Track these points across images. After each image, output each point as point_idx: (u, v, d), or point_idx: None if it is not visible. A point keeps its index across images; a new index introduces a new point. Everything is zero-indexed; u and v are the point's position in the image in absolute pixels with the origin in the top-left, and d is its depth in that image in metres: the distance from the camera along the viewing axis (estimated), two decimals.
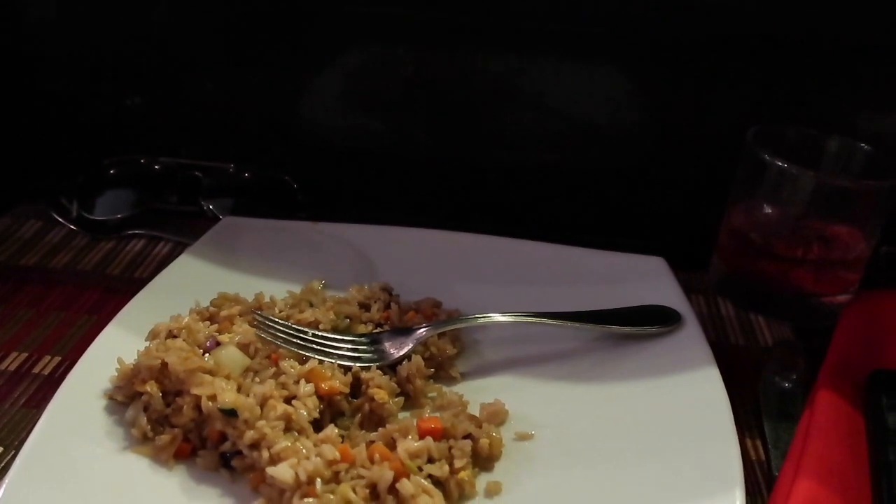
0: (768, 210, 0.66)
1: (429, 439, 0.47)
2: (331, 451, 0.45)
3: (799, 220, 0.64)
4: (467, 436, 0.49)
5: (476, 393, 0.54)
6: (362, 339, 0.55)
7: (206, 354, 0.52)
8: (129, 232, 0.74)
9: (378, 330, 0.57)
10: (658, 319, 0.59)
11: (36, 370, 0.57)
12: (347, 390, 0.51)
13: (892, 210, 0.63)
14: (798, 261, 0.64)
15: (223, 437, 0.48)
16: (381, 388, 0.51)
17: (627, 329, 0.58)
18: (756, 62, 0.70)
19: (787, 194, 0.64)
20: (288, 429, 0.47)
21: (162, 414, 0.49)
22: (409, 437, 0.48)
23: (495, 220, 0.73)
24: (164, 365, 0.50)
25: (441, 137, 0.77)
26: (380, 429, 0.49)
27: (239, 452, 0.47)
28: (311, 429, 0.48)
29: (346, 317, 0.58)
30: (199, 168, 0.76)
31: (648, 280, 0.63)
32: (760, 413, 0.55)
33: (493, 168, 0.77)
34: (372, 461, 0.46)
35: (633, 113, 0.74)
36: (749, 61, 0.70)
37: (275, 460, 0.45)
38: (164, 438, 0.48)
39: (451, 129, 0.77)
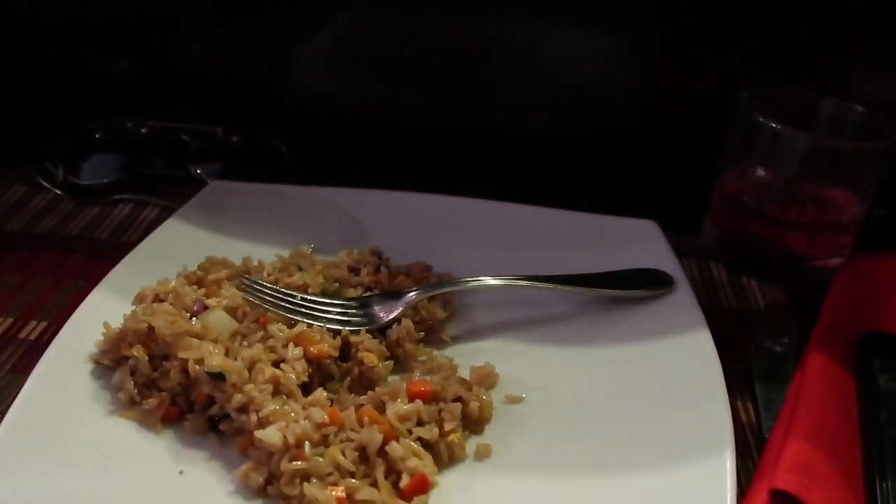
0: (761, 173, 0.65)
1: (418, 402, 0.47)
2: (319, 415, 0.45)
3: (792, 182, 0.64)
4: (457, 399, 0.48)
5: (467, 356, 0.54)
6: (352, 303, 0.55)
7: (194, 318, 0.52)
8: (116, 196, 0.73)
9: (368, 294, 0.57)
10: (650, 283, 0.58)
11: (22, 335, 0.57)
12: (336, 354, 0.50)
13: (886, 172, 0.63)
14: (791, 224, 0.64)
15: (211, 401, 0.47)
16: (370, 352, 0.51)
17: (619, 292, 0.58)
18: (749, 22, 0.69)
19: (780, 157, 0.63)
20: (276, 392, 0.47)
21: (149, 378, 0.49)
22: (399, 400, 0.47)
23: (487, 183, 0.71)
24: (151, 329, 0.49)
25: (431, 100, 0.76)
26: (369, 392, 0.48)
27: (227, 416, 0.47)
28: (300, 392, 0.48)
29: (336, 281, 0.57)
30: (186, 132, 0.75)
31: (640, 243, 0.63)
32: (752, 376, 0.55)
33: (484, 131, 0.76)
34: (361, 424, 0.46)
35: (626, 75, 0.73)
36: (742, 22, 0.69)
37: (263, 424, 0.45)
38: (152, 402, 0.47)
39: (441, 92, 0.76)
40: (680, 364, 0.51)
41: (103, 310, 0.53)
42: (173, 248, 0.60)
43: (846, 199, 0.64)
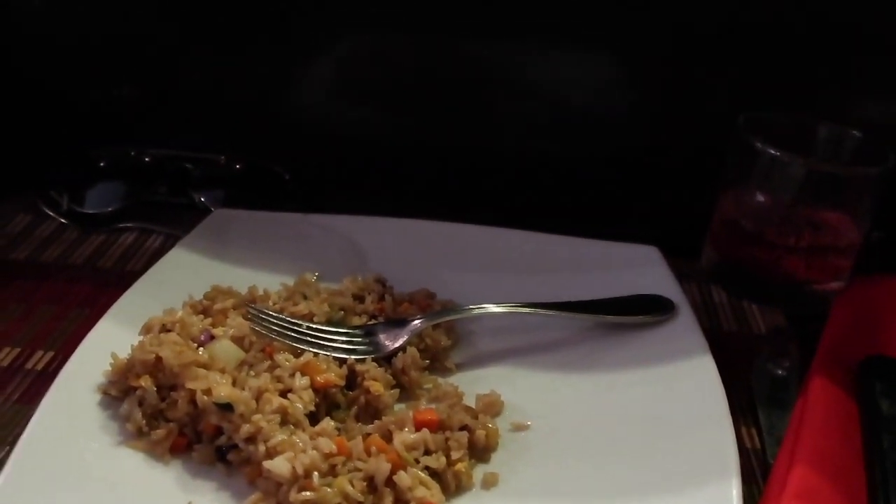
0: (759, 197, 0.66)
1: (425, 431, 0.47)
2: (327, 444, 0.45)
3: (790, 207, 0.64)
4: (463, 427, 0.49)
5: (471, 384, 0.54)
6: (357, 332, 0.55)
7: (201, 348, 0.52)
8: (121, 225, 0.73)
9: (372, 322, 0.57)
10: (652, 308, 0.59)
11: (28, 365, 0.57)
12: (343, 383, 0.51)
13: (883, 196, 0.64)
14: (789, 248, 0.64)
15: (219, 431, 0.48)
16: (376, 381, 0.51)
17: (622, 318, 0.58)
18: (747, 49, 0.70)
19: (777, 181, 0.64)
20: (284, 422, 0.47)
21: (157, 408, 0.49)
22: (406, 429, 0.48)
23: (489, 209, 0.72)
24: (159, 359, 0.49)
25: (434, 125, 0.77)
26: (376, 421, 0.49)
27: (235, 446, 0.47)
28: (307, 422, 0.48)
29: (341, 309, 0.58)
30: (189, 159, 0.76)
31: (642, 269, 0.63)
32: (754, 400, 0.56)
33: (486, 156, 0.76)
34: (368, 454, 0.46)
35: (626, 101, 0.74)
36: (740, 48, 0.70)
37: (271, 454, 0.45)
38: (160, 433, 0.48)
39: (443, 117, 0.76)
40: (684, 390, 0.52)
41: (110, 340, 0.53)
42: (178, 277, 0.60)
43: (844, 223, 0.65)
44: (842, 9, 0.67)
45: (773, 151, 0.62)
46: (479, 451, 0.49)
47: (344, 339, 0.54)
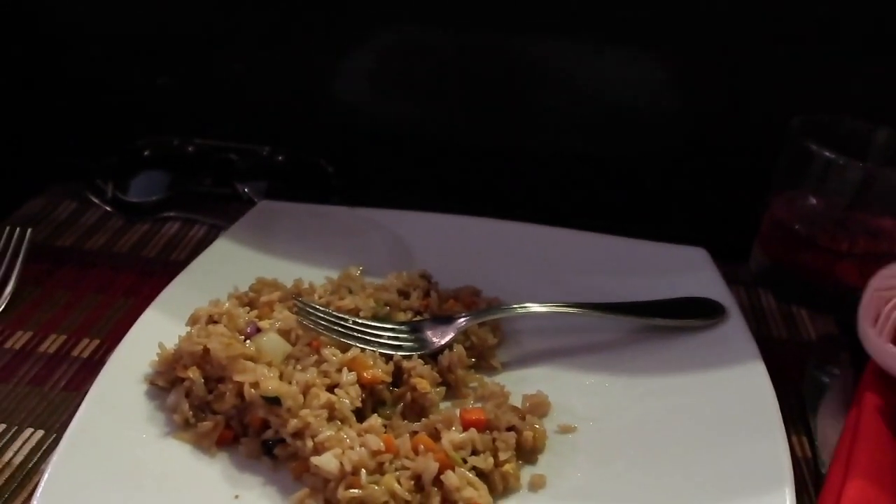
0: (813, 201, 0.64)
1: (473, 431, 0.47)
2: (375, 442, 0.45)
3: (844, 212, 0.63)
4: (511, 428, 0.48)
5: (517, 383, 0.53)
6: (403, 328, 0.55)
7: (247, 340, 0.52)
8: (164, 214, 0.74)
9: (418, 318, 0.57)
10: (701, 312, 0.58)
11: (75, 353, 0.57)
12: (390, 379, 0.50)
13: None
14: (843, 254, 0.63)
15: (265, 425, 0.47)
16: (422, 378, 0.51)
17: (670, 321, 0.57)
18: (797, 48, 0.69)
19: (833, 186, 0.63)
20: (331, 418, 0.47)
21: (204, 400, 0.49)
22: (453, 428, 0.47)
23: (532, 207, 0.71)
24: (206, 351, 0.49)
25: (477, 122, 0.76)
26: (423, 419, 0.48)
27: (282, 440, 0.47)
28: (354, 418, 0.48)
29: (386, 304, 0.57)
30: (232, 150, 0.76)
31: (690, 271, 0.62)
32: (804, 408, 0.55)
33: (530, 154, 0.76)
34: (416, 452, 0.46)
35: (672, 99, 0.73)
36: (790, 47, 0.69)
37: (319, 450, 0.45)
38: (207, 425, 0.48)
39: (487, 114, 0.76)
40: (734, 396, 0.51)
41: (156, 330, 0.53)
42: (223, 268, 0.60)
43: None
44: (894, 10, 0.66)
45: (829, 154, 0.61)
46: (526, 453, 0.48)
47: (390, 334, 0.54)
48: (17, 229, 0.65)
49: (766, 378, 0.51)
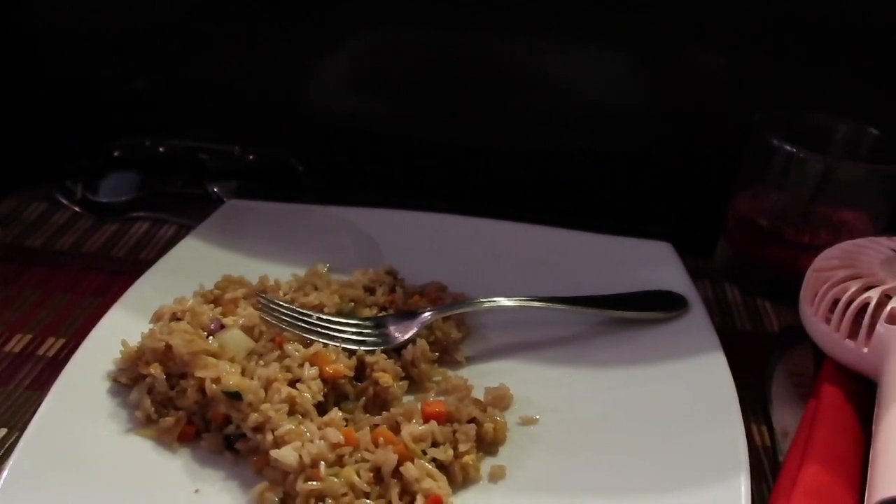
0: (776, 195, 0.65)
1: (433, 423, 0.47)
2: (335, 435, 0.45)
3: (807, 205, 0.64)
4: (471, 420, 0.48)
5: (481, 377, 0.54)
6: (367, 323, 0.55)
7: (211, 337, 0.52)
8: (134, 214, 0.74)
9: (383, 314, 0.57)
10: (664, 304, 0.59)
11: (40, 352, 0.57)
12: (352, 374, 0.51)
13: None
14: (805, 246, 0.64)
15: (227, 420, 0.48)
16: (385, 372, 0.51)
17: (633, 314, 0.58)
18: (763, 47, 0.70)
19: (794, 179, 0.64)
20: (292, 412, 0.47)
21: (166, 396, 0.49)
22: (414, 420, 0.47)
23: (502, 203, 0.72)
24: (169, 347, 0.49)
25: (447, 120, 0.77)
26: (384, 412, 0.49)
27: (243, 435, 0.47)
28: (315, 412, 0.48)
29: (351, 300, 0.58)
30: (204, 150, 0.76)
31: (655, 265, 0.63)
32: (766, 399, 0.55)
33: (500, 151, 0.76)
34: (376, 445, 0.46)
35: (641, 96, 0.74)
36: (756, 46, 0.70)
37: (279, 443, 0.45)
38: (169, 421, 0.48)
39: (457, 112, 0.76)
40: (694, 386, 0.51)
41: (121, 327, 0.53)
42: (190, 267, 0.60)
43: (861, 222, 0.64)
44: (858, 6, 0.67)
45: (790, 149, 0.62)
46: (487, 444, 0.49)
47: (354, 330, 0.54)
48: None
49: (726, 369, 0.52)
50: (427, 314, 0.56)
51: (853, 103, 0.69)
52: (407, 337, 0.54)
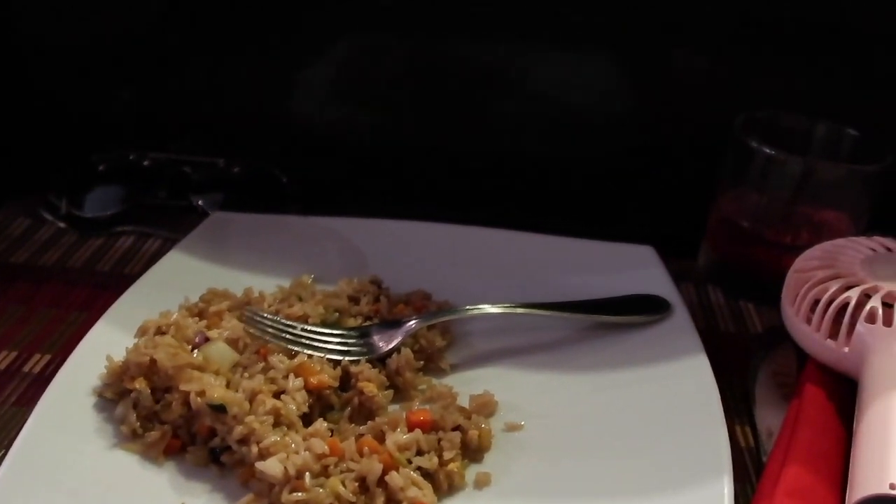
0: (757, 197, 0.66)
1: (418, 431, 0.47)
2: (320, 445, 0.45)
3: (787, 206, 0.65)
4: (456, 427, 0.49)
5: (466, 384, 0.54)
6: (351, 333, 0.55)
7: (196, 350, 0.52)
8: (119, 229, 0.74)
9: (367, 323, 0.57)
10: (648, 308, 0.59)
11: (26, 368, 0.57)
12: (336, 384, 0.51)
13: (880, 195, 0.63)
14: (787, 247, 0.64)
15: (212, 433, 0.48)
16: (370, 382, 0.51)
17: (616, 318, 0.58)
18: (744, 49, 0.70)
19: (775, 181, 0.64)
20: (277, 423, 0.47)
21: (151, 410, 0.49)
22: (399, 429, 0.48)
23: (487, 210, 0.72)
24: (153, 361, 0.50)
25: (431, 127, 0.77)
26: (369, 422, 0.49)
27: (228, 448, 0.47)
28: (301, 423, 0.48)
29: (336, 310, 0.58)
30: (188, 163, 0.76)
31: (638, 269, 0.63)
32: (750, 400, 0.56)
33: (484, 158, 0.77)
34: (361, 454, 0.46)
35: (623, 101, 0.74)
36: (738, 47, 0.70)
37: (264, 455, 0.45)
38: (154, 435, 0.48)
39: (440, 119, 0.77)
40: (678, 389, 0.52)
41: (106, 343, 0.53)
42: (175, 280, 0.61)
43: (841, 222, 0.65)
44: (836, 7, 0.67)
45: (769, 151, 0.63)
46: (472, 452, 0.49)
47: (338, 340, 0.54)
48: None
49: (709, 371, 0.52)
50: (411, 323, 0.56)
51: (832, 104, 0.70)
52: (391, 346, 0.54)
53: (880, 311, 0.51)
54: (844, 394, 0.52)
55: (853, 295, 0.53)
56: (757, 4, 0.68)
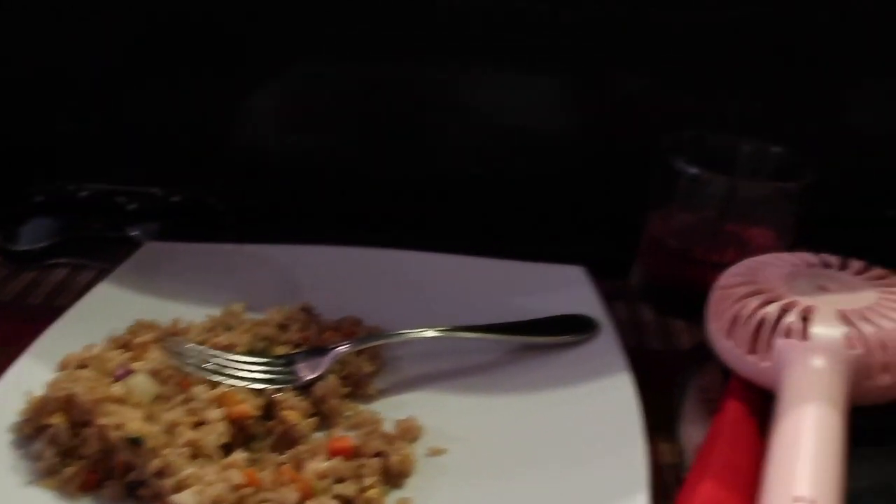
0: (684, 216, 0.67)
1: (338, 458, 0.47)
2: (236, 476, 0.45)
3: (714, 224, 0.66)
4: (378, 453, 0.49)
5: (393, 409, 0.54)
6: (277, 361, 0.55)
7: (118, 383, 0.52)
8: (53, 261, 0.73)
9: (295, 350, 0.57)
10: (575, 328, 0.59)
11: None
12: (258, 413, 0.51)
13: (804, 210, 0.65)
14: (715, 265, 0.65)
15: (129, 467, 0.47)
16: (293, 410, 0.51)
17: (543, 339, 0.59)
18: (670, 69, 0.72)
19: (700, 200, 0.65)
20: (196, 455, 0.47)
21: (69, 446, 0.49)
22: (319, 457, 0.48)
23: (423, 233, 0.73)
24: (72, 396, 0.49)
25: (366, 152, 0.78)
26: (289, 451, 0.49)
27: (145, 481, 0.46)
28: (221, 454, 0.48)
29: (264, 338, 0.58)
30: (125, 193, 0.76)
31: (568, 289, 0.64)
32: (676, 417, 0.56)
33: (420, 182, 0.77)
34: (280, 484, 0.46)
35: (554, 122, 0.75)
36: (664, 68, 0.72)
37: (179, 488, 0.45)
38: (70, 470, 0.47)
39: (376, 144, 0.77)
40: (600, 408, 0.52)
41: (28, 378, 0.53)
42: (104, 312, 0.60)
43: (767, 238, 0.66)
44: (758, 28, 0.69)
45: (694, 170, 0.64)
46: (394, 477, 0.49)
47: (263, 369, 0.54)
48: None
49: (631, 389, 0.53)
50: (339, 349, 0.56)
51: (756, 123, 0.72)
52: (317, 373, 0.54)
53: (797, 326, 0.52)
54: (766, 409, 0.53)
55: (772, 310, 0.54)
56: (682, 29, 0.70)
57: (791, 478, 0.43)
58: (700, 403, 0.57)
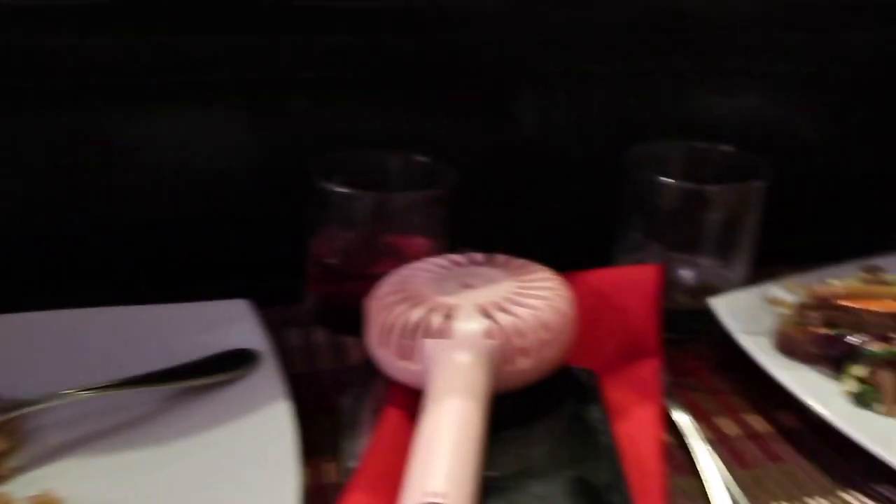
0: (342, 234, 0.68)
1: None
2: None
3: (368, 239, 0.67)
4: None
5: (31, 484, 0.49)
6: None
7: None
8: None
9: None
10: (234, 364, 0.58)
11: None
12: None
13: (449, 215, 0.67)
14: (374, 277, 0.66)
15: None
16: None
17: (198, 381, 0.56)
18: (319, 92, 0.73)
19: (353, 217, 0.66)
20: None
21: None
22: None
23: (78, 287, 0.68)
24: None
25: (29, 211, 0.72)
26: None
27: None
28: None
29: None
30: None
31: (231, 325, 0.62)
32: (343, 435, 0.56)
33: (73, 235, 0.72)
34: None
35: (227, 156, 0.73)
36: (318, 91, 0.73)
37: None
38: None
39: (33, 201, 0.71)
40: (257, 441, 0.51)
41: None
42: None
43: (423, 247, 0.68)
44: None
45: (340, 189, 0.64)
46: None
47: None
48: None
49: (288, 418, 0.52)
50: None
51: (407, 135, 0.75)
52: None
53: (441, 325, 0.54)
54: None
55: (417, 313, 0.55)
56: (328, 47, 0.71)
57: (427, 473, 0.44)
58: (372, 416, 0.58)
